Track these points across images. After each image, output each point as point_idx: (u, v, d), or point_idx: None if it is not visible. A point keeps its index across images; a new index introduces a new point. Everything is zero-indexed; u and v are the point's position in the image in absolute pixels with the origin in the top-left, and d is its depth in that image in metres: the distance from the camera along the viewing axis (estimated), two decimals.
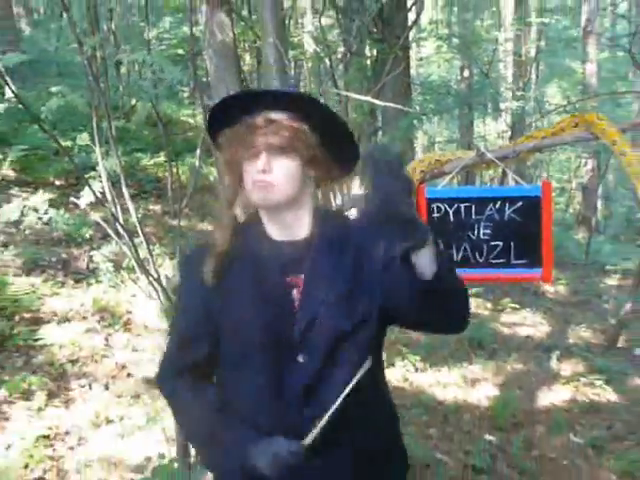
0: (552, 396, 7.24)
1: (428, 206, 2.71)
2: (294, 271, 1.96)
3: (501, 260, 2.68)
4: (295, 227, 1.99)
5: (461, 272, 2.75)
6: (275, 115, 1.88)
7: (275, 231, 1.99)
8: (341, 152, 2.01)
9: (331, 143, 1.97)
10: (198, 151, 9.23)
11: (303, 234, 2.00)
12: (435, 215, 2.71)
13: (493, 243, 2.67)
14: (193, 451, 3.86)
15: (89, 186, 3.84)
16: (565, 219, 20.20)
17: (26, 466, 4.21)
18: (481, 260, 2.69)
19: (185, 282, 2.13)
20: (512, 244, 2.65)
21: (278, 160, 1.87)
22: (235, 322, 1.95)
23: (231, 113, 1.93)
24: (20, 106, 3.36)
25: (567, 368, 8.03)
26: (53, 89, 3.61)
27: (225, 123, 1.95)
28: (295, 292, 1.96)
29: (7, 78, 3.21)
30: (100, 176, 3.89)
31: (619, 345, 9.17)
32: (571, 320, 10.46)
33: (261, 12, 6.06)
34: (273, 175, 1.87)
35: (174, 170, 5.42)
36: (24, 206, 4.58)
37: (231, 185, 1.99)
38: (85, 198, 3.91)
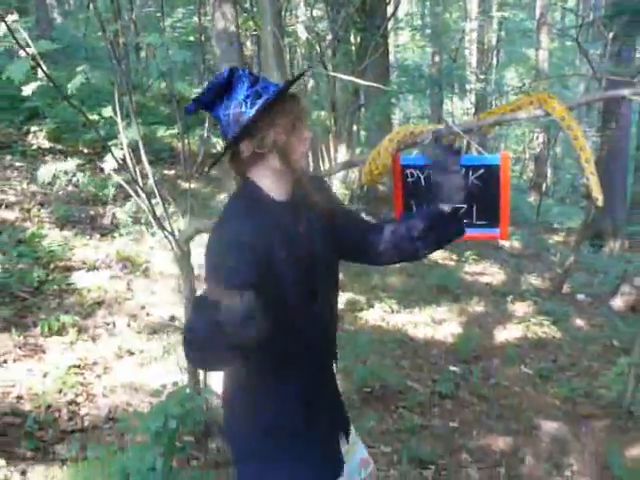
0: (506, 334, 7.29)
1: (403, 172, 2.68)
2: (300, 222, 2.02)
3: (465, 221, 2.64)
4: (290, 187, 2.02)
5: None
6: (292, 94, 1.97)
7: (277, 194, 1.99)
8: None
9: None
10: (206, 124, 9.20)
11: (291, 193, 2.03)
12: (409, 180, 2.67)
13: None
14: (202, 378, 3.89)
15: (112, 153, 3.80)
16: (520, 184, 20.20)
17: (60, 391, 4.22)
18: None
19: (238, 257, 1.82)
20: (474, 207, 2.62)
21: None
22: (277, 272, 1.90)
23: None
24: (52, 85, 3.30)
25: (520, 310, 8.08)
26: (78, 69, 3.55)
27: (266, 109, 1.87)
28: (304, 239, 2.02)
29: (40, 61, 3.16)
30: (122, 144, 3.86)
31: (564, 291, 9.23)
32: (523, 270, 10.50)
33: (261, 4, 5.98)
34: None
35: (186, 141, 5.41)
36: (56, 169, 4.55)
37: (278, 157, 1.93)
38: (109, 163, 3.87)
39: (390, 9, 11.03)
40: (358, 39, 10.43)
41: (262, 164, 1.94)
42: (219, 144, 10.25)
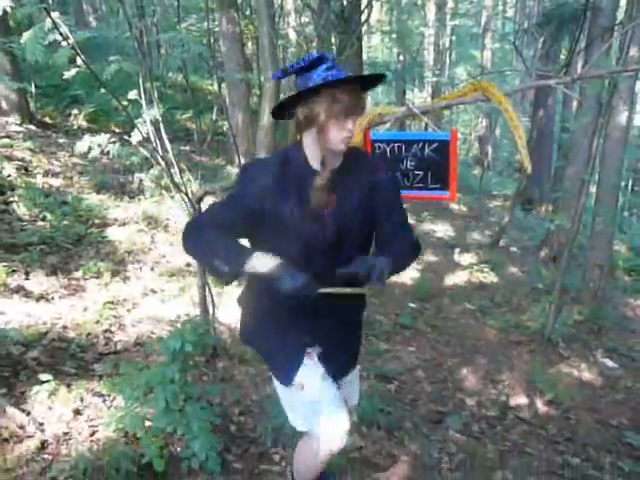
0: (455, 278, 7.33)
1: (372, 145, 2.66)
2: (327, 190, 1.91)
3: (421, 185, 2.65)
4: (335, 161, 1.93)
5: None
6: (358, 89, 1.84)
7: (314, 161, 1.91)
8: None
9: None
10: (215, 109, 9.08)
11: (336, 165, 1.93)
12: (377, 152, 2.67)
13: (416, 172, 2.64)
14: (211, 310, 3.89)
15: (138, 128, 3.75)
16: (466, 160, 20.17)
17: (97, 322, 4.21)
18: (408, 184, 2.67)
19: (244, 183, 1.92)
20: (429, 173, 2.62)
21: (355, 121, 1.85)
22: (284, 219, 1.88)
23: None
24: (89, 75, 3.24)
25: (465, 259, 8.12)
26: (111, 58, 3.49)
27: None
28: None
29: (78, 50, 3.10)
30: (146, 122, 3.80)
31: (500, 245, 9.28)
32: (468, 227, 10.53)
33: (258, 9, 5.86)
34: (352, 132, 1.85)
35: (198, 122, 5.36)
36: (91, 142, 4.49)
37: (316, 130, 1.85)
38: (135, 137, 3.82)
39: (364, 16, 10.88)
40: (338, 41, 10.31)
41: (309, 132, 1.88)
42: (225, 126, 10.12)
